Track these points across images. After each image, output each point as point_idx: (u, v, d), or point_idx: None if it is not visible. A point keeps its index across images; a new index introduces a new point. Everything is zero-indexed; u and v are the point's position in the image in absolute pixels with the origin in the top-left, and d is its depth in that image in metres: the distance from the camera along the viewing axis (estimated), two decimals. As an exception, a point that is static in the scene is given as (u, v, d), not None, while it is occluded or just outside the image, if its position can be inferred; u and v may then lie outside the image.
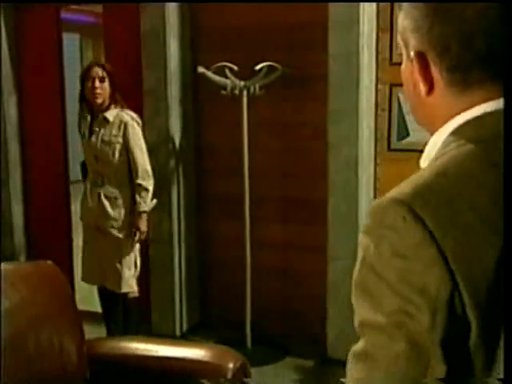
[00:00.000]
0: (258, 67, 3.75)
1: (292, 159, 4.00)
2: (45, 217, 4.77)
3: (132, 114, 3.70)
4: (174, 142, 4.10)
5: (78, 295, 4.28)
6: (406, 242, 0.81)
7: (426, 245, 0.80)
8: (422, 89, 0.93)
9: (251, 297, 3.95)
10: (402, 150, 3.64)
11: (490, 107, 0.88)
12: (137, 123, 3.69)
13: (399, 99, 3.64)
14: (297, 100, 3.93)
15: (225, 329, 4.20)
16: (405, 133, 3.65)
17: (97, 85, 3.63)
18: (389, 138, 3.70)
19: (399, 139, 3.68)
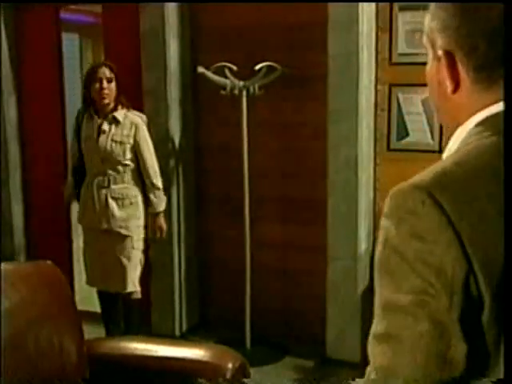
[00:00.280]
0: (257, 67, 3.75)
1: (292, 159, 4.00)
2: (45, 217, 4.77)
3: (140, 115, 3.74)
4: (173, 142, 4.10)
5: (78, 295, 4.29)
6: (425, 225, 0.86)
7: (443, 228, 0.85)
8: (448, 86, 0.97)
9: (251, 297, 3.95)
10: (402, 150, 3.64)
11: None
12: (145, 124, 3.71)
13: (399, 99, 3.64)
14: (296, 100, 3.93)
15: (224, 329, 4.20)
16: (404, 133, 3.65)
17: (105, 85, 3.61)
18: (388, 138, 3.70)
19: (399, 139, 3.68)
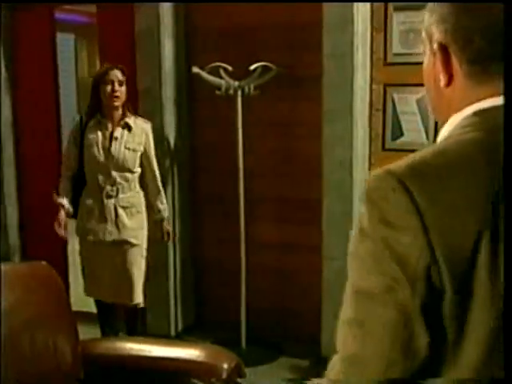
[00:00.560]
0: (252, 67, 3.75)
1: (287, 159, 4.00)
2: (39, 218, 4.76)
3: (146, 121, 3.67)
4: (168, 142, 4.10)
5: (73, 296, 4.28)
6: (394, 211, 0.87)
7: (411, 216, 0.86)
8: (441, 79, 0.98)
9: (246, 297, 3.95)
10: (397, 150, 3.64)
11: (500, 101, 0.92)
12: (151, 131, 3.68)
13: (393, 99, 3.64)
14: (291, 100, 3.93)
15: (220, 329, 4.19)
16: (399, 133, 3.66)
17: (116, 88, 3.47)
18: (383, 138, 3.70)
19: (393, 139, 3.68)
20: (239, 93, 3.79)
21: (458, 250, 0.85)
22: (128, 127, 3.54)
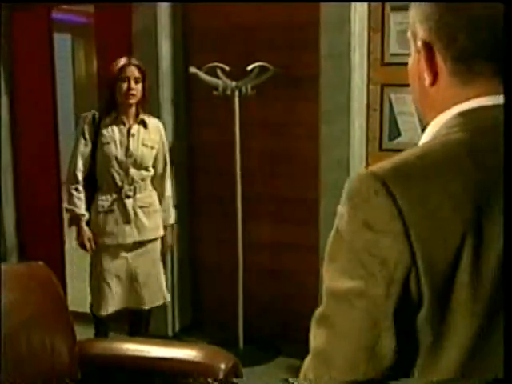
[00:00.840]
0: (249, 67, 3.75)
1: (284, 159, 4.00)
2: (36, 218, 4.75)
3: (158, 120, 3.63)
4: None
5: (70, 296, 4.28)
6: (376, 214, 0.85)
7: (392, 219, 0.84)
8: (426, 78, 0.96)
9: (243, 297, 3.95)
10: (394, 150, 3.62)
11: (486, 101, 0.91)
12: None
13: (391, 99, 3.64)
14: (288, 100, 3.93)
15: (217, 329, 4.19)
16: (396, 133, 3.66)
17: (133, 86, 3.36)
18: (380, 138, 3.70)
19: (391, 139, 3.68)
20: (236, 93, 3.78)
21: (440, 253, 0.83)
22: (144, 124, 3.47)
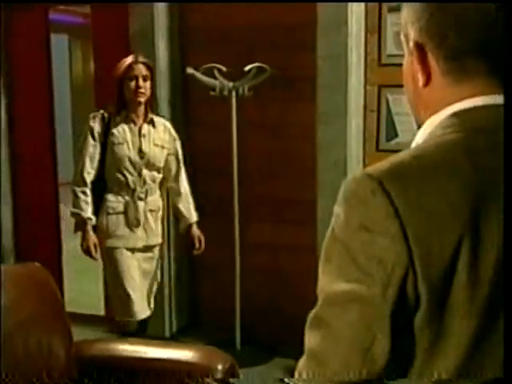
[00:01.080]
0: (246, 68, 3.75)
1: (281, 160, 4.00)
2: (34, 219, 4.74)
3: (165, 119, 3.55)
4: (163, 143, 4.09)
5: (67, 297, 4.27)
6: (373, 215, 0.85)
7: (390, 220, 0.84)
8: (419, 79, 0.96)
9: (240, 298, 3.94)
10: (391, 151, 3.59)
11: (481, 101, 0.91)
12: None
13: (388, 100, 3.64)
14: (285, 101, 3.92)
15: (214, 330, 4.18)
16: (393, 133, 3.66)
17: (141, 84, 3.25)
18: (377, 139, 3.70)
19: (388, 140, 3.68)
20: (233, 94, 3.78)
21: (438, 254, 0.83)
22: (152, 123, 3.37)
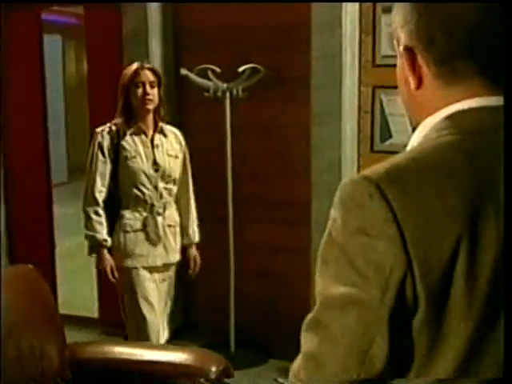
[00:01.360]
0: (240, 69, 3.74)
1: (275, 161, 3.99)
2: (27, 221, 4.72)
3: (174, 127, 3.34)
4: (156, 145, 4.07)
5: (60, 299, 4.26)
6: (370, 219, 0.84)
7: (387, 224, 0.83)
8: (411, 82, 0.96)
9: (235, 299, 3.94)
10: (385, 152, 3.62)
11: (476, 103, 0.91)
12: None
13: (382, 101, 3.64)
14: (280, 102, 3.92)
15: (208, 332, 4.17)
16: (388, 134, 3.65)
17: (148, 91, 3.07)
18: (372, 140, 3.70)
19: (382, 141, 3.67)
20: (227, 95, 3.77)
21: (436, 257, 0.83)
22: (163, 132, 3.19)
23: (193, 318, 4.37)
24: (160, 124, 3.18)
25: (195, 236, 3.37)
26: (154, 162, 3.12)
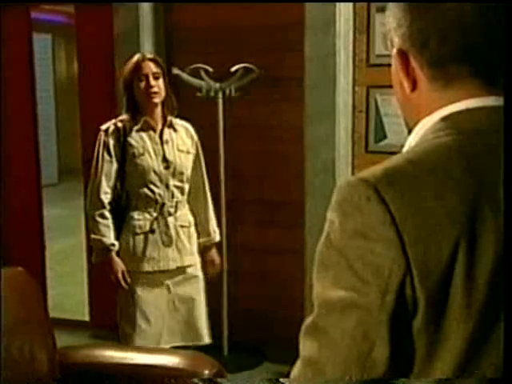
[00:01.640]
0: (233, 69, 3.72)
1: (269, 162, 3.98)
2: (17, 222, 4.68)
3: (185, 121, 3.20)
4: (148, 145, 4.04)
5: (51, 302, 4.22)
6: (368, 221, 0.84)
7: (386, 226, 0.83)
8: (405, 86, 0.96)
9: (228, 302, 3.91)
10: (380, 152, 3.62)
11: (472, 104, 0.91)
12: None
13: (376, 101, 3.62)
14: (273, 102, 3.90)
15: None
16: (382, 135, 3.64)
17: (152, 83, 2.93)
18: (366, 140, 3.68)
19: (377, 141, 3.66)
20: (220, 95, 3.76)
21: (434, 260, 0.82)
22: (173, 127, 3.05)
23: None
24: (169, 118, 3.04)
25: (215, 236, 3.22)
26: (164, 159, 2.97)
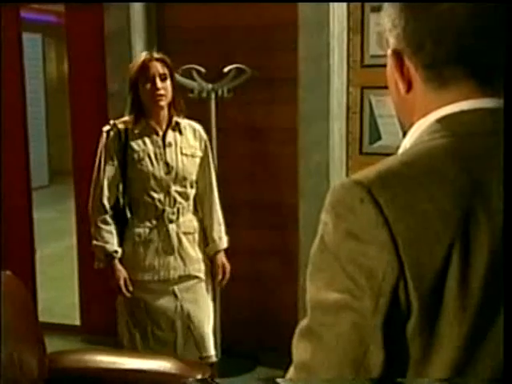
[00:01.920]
0: (226, 69, 3.69)
1: (262, 163, 3.96)
2: (6, 225, 4.63)
3: (195, 122, 3.09)
4: (140, 147, 4.01)
5: (41, 306, 4.18)
6: (361, 223, 0.83)
7: (379, 229, 0.83)
8: (400, 87, 0.96)
9: (220, 305, 3.87)
10: (374, 154, 3.60)
11: (467, 106, 0.90)
12: None
13: (371, 102, 3.61)
14: (266, 103, 3.88)
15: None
16: (377, 136, 3.63)
17: (159, 85, 2.82)
18: (360, 142, 3.67)
19: (371, 143, 3.65)
20: (213, 95, 3.73)
21: (428, 263, 0.82)
22: (179, 129, 2.94)
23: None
24: (175, 119, 2.93)
25: (222, 243, 3.10)
26: (166, 163, 2.88)
